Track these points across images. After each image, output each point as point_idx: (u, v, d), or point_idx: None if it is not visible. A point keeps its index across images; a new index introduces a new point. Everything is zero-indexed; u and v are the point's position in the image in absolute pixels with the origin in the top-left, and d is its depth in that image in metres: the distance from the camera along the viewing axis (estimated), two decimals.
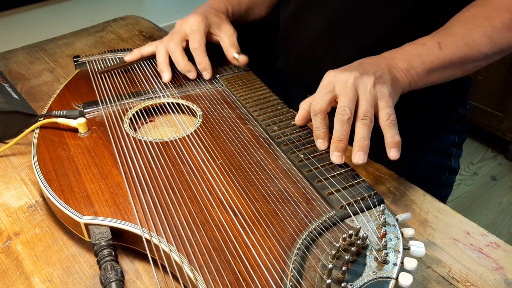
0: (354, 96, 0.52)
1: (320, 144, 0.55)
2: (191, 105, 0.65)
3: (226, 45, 0.73)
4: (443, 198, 0.81)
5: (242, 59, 0.72)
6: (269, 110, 0.62)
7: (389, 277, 0.39)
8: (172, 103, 0.66)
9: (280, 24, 0.84)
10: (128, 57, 0.75)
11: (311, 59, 0.76)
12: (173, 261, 0.42)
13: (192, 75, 0.71)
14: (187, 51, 0.71)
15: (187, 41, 0.71)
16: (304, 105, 0.58)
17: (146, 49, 0.76)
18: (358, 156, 0.50)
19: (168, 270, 0.43)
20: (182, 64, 0.70)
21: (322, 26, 0.73)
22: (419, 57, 0.58)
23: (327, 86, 0.54)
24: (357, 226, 0.43)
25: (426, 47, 0.59)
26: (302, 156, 0.53)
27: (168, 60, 0.71)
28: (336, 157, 0.52)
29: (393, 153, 0.50)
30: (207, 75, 0.71)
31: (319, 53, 0.74)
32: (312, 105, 0.55)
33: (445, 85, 0.63)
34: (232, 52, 0.72)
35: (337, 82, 0.53)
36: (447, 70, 0.60)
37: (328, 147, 0.54)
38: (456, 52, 0.59)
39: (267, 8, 0.87)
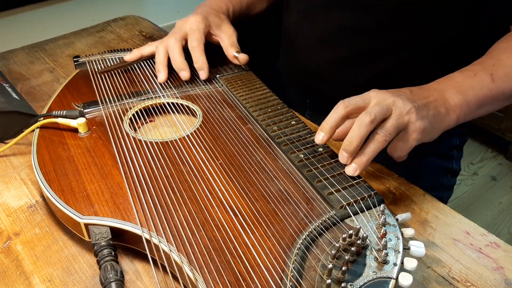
0: (387, 110, 0.49)
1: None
2: (191, 105, 0.65)
3: (226, 45, 0.73)
4: (444, 200, 0.81)
5: (242, 57, 0.72)
6: (269, 110, 0.62)
7: (389, 277, 0.39)
8: (172, 103, 0.66)
9: (283, 30, 0.84)
10: (128, 56, 0.75)
11: (311, 68, 0.76)
12: (173, 261, 0.42)
13: (184, 74, 0.69)
14: (186, 53, 0.71)
15: (187, 41, 0.71)
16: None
17: (146, 49, 0.76)
18: (350, 169, 0.49)
19: (168, 270, 0.43)
20: (178, 61, 0.69)
21: (323, 37, 0.73)
22: (472, 90, 0.54)
23: (365, 97, 0.51)
24: (357, 226, 0.43)
25: (479, 79, 0.55)
26: (302, 156, 0.53)
27: (166, 61, 0.71)
28: (341, 157, 0.50)
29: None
30: (203, 74, 0.70)
31: (319, 61, 0.74)
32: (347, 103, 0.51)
33: None
34: (232, 51, 0.72)
35: (378, 99, 0.50)
36: (497, 103, 0.57)
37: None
38: (508, 84, 0.56)
39: (268, 2, 0.87)
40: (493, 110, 0.59)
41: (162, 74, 0.70)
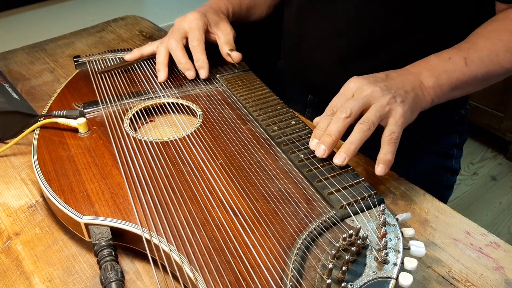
0: (363, 103, 0.52)
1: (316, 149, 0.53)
2: (191, 105, 0.65)
3: (221, 42, 0.73)
4: (444, 199, 0.81)
5: (235, 55, 0.72)
6: (269, 110, 0.62)
7: (389, 277, 0.39)
8: (172, 103, 0.66)
9: (283, 24, 0.84)
10: (128, 56, 0.75)
11: (312, 62, 0.76)
12: (173, 261, 0.42)
13: (190, 74, 0.70)
14: (187, 50, 0.71)
15: (187, 39, 0.71)
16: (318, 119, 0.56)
17: (147, 49, 0.76)
18: (339, 158, 0.50)
19: (168, 270, 0.43)
20: (183, 61, 0.70)
21: (324, 29, 0.72)
22: (445, 74, 0.57)
23: (346, 93, 0.54)
24: (357, 226, 0.43)
25: (453, 63, 0.58)
26: (302, 156, 0.53)
27: (167, 61, 0.71)
28: (319, 149, 0.52)
29: (379, 169, 0.50)
30: (203, 73, 0.70)
31: (321, 55, 0.74)
32: (330, 106, 0.54)
33: None
34: (226, 49, 0.72)
35: (356, 90, 0.53)
36: (470, 86, 0.59)
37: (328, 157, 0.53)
38: (481, 68, 0.58)
39: (268, 8, 0.87)
40: (468, 92, 0.61)
41: (162, 74, 0.70)
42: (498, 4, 0.64)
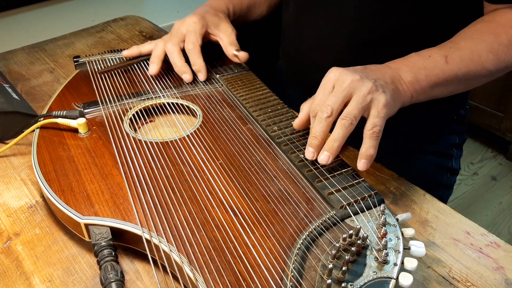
0: (344, 97, 0.51)
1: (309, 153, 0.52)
2: (191, 105, 0.65)
3: (225, 44, 0.73)
4: (443, 199, 0.81)
5: (242, 55, 0.72)
6: (269, 110, 0.62)
7: (389, 277, 0.39)
8: (172, 103, 0.66)
9: (282, 26, 0.84)
10: (127, 52, 0.75)
11: (311, 62, 0.76)
12: (173, 261, 0.42)
13: (187, 77, 0.70)
14: (185, 55, 0.71)
15: (184, 42, 0.71)
16: (305, 107, 0.56)
17: (146, 47, 0.76)
18: (323, 157, 0.50)
19: (168, 270, 0.43)
20: (178, 65, 0.70)
21: (324, 30, 0.72)
22: (424, 70, 0.57)
23: (327, 86, 0.53)
24: (357, 226, 0.43)
25: (433, 60, 0.57)
26: (302, 156, 0.53)
27: (163, 56, 0.71)
28: (307, 152, 0.51)
29: (361, 164, 0.49)
30: (201, 76, 0.70)
31: (319, 57, 0.74)
32: (312, 106, 0.54)
33: None
34: (232, 50, 0.72)
35: (336, 81, 0.53)
36: (451, 85, 0.59)
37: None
38: (461, 67, 0.57)
39: (269, 7, 0.87)
40: (451, 92, 0.60)
41: (154, 66, 0.70)
42: (486, 4, 0.63)
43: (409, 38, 0.67)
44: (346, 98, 0.51)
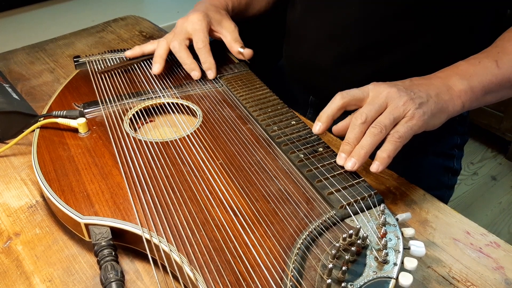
0: (379, 106, 0.51)
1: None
2: (191, 105, 0.65)
3: (229, 41, 0.73)
4: (445, 200, 0.81)
5: (247, 52, 0.72)
6: (269, 110, 0.62)
7: (389, 277, 0.39)
8: (172, 103, 0.66)
9: (287, 26, 0.83)
10: (129, 52, 0.75)
11: (314, 63, 0.76)
12: (173, 261, 0.42)
13: (196, 74, 0.70)
14: (189, 49, 0.71)
15: (190, 40, 0.71)
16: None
17: (148, 47, 0.76)
18: (349, 164, 0.50)
19: (168, 270, 0.43)
20: (188, 62, 0.70)
21: (327, 31, 0.72)
22: (477, 77, 0.55)
23: (371, 100, 0.52)
24: (357, 226, 0.43)
25: (483, 66, 0.56)
26: (302, 156, 0.53)
27: (165, 56, 0.71)
28: (339, 158, 0.51)
29: (374, 166, 0.49)
30: (211, 74, 0.70)
31: (322, 57, 0.74)
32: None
33: None
34: (237, 47, 0.72)
35: (374, 92, 0.52)
36: (503, 90, 0.58)
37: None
38: None
39: (267, 3, 0.87)
40: (502, 97, 0.59)
41: (157, 66, 0.71)
42: None
43: (412, 42, 0.67)
44: (381, 108, 0.51)
